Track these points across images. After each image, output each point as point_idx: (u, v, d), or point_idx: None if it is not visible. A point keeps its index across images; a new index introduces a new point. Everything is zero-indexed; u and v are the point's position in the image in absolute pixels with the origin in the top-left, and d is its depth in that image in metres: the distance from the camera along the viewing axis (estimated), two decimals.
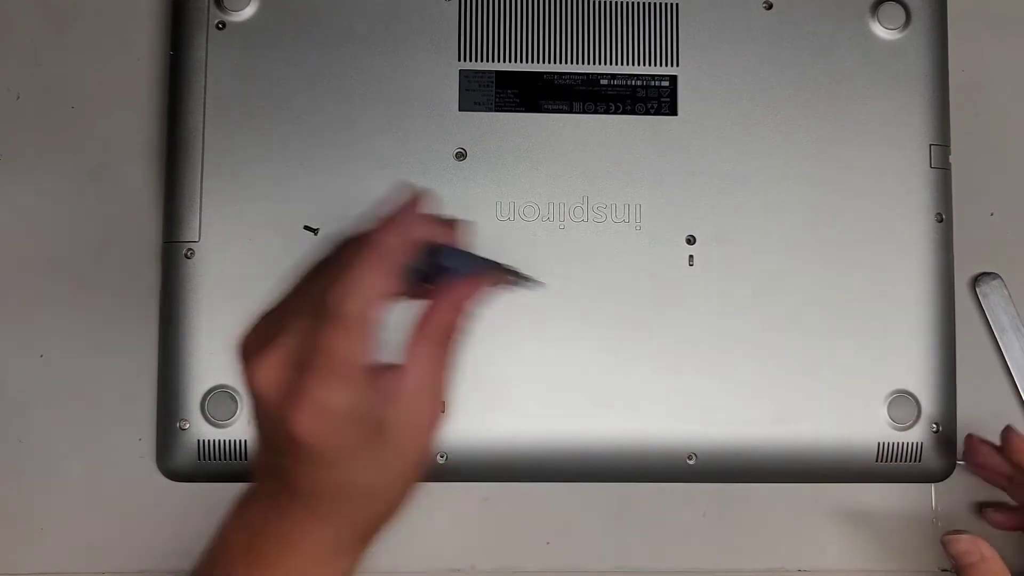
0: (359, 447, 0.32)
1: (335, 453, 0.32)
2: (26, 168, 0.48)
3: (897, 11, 0.47)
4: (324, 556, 0.34)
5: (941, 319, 0.46)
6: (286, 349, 0.32)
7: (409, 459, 0.34)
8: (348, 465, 0.32)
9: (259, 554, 0.34)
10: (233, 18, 0.46)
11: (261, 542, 0.34)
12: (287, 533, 0.34)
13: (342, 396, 0.31)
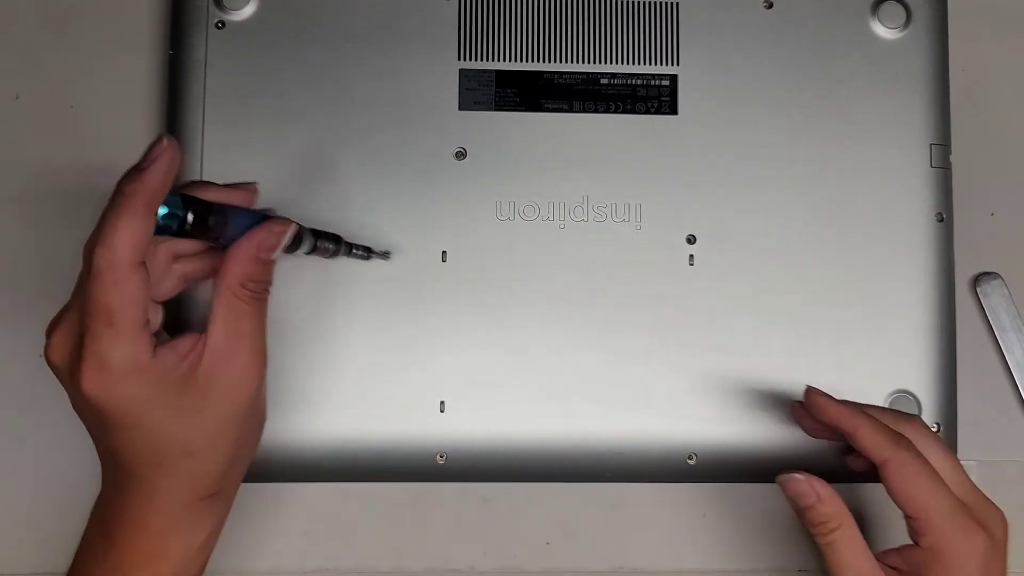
0: (158, 404, 0.32)
1: (129, 409, 0.32)
2: (25, 168, 0.48)
3: (898, 10, 0.47)
4: (168, 527, 0.34)
5: (942, 319, 0.46)
6: (69, 319, 0.33)
7: (226, 414, 0.34)
8: (151, 421, 0.32)
9: (111, 539, 0.35)
10: (233, 17, 0.46)
11: (112, 527, 0.35)
12: (127, 510, 0.34)
13: (118, 348, 0.31)
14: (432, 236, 0.45)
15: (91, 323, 0.31)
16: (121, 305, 0.31)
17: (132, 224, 0.31)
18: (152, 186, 0.32)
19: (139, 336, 0.32)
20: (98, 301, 0.31)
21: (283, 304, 0.45)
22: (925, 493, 0.37)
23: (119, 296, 0.31)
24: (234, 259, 0.35)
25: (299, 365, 0.44)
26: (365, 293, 0.45)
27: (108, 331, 0.31)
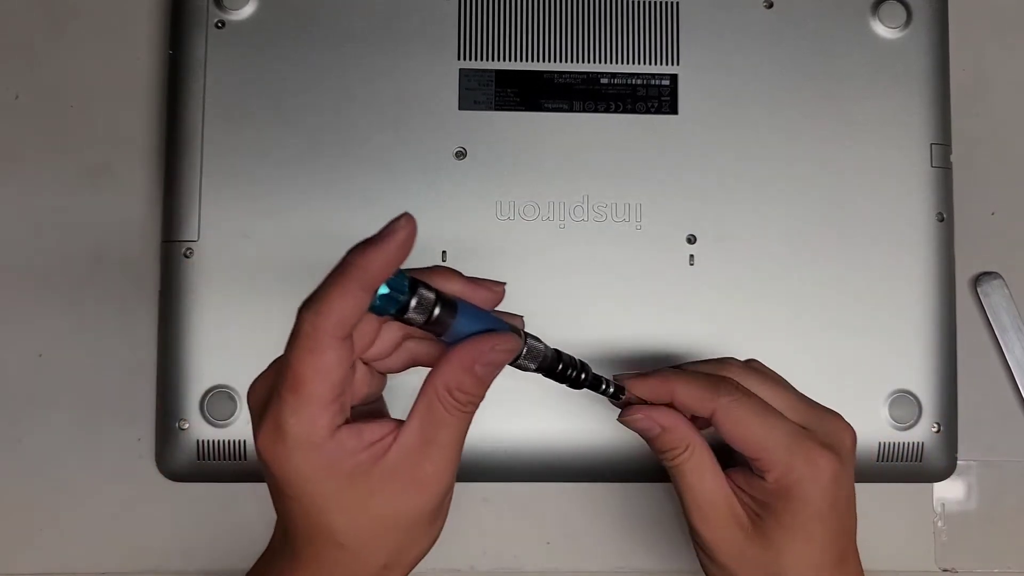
0: (323, 486, 0.31)
1: (291, 480, 0.30)
2: (25, 167, 0.48)
3: (898, 10, 0.47)
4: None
5: (942, 319, 0.46)
6: (269, 372, 0.32)
7: (393, 518, 0.32)
8: (313, 505, 0.31)
9: None
10: (232, 17, 0.46)
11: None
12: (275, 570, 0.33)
13: (296, 416, 0.30)
14: (432, 236, 0.45)
15: (280, 383, 0.30)
16: (311, 375, 0.30)
17: (345, 297, 0.30)
18: (376, 264, 0.30)
19: (322, 410, 0.30)
20: (291, 364, 0.30)
21: (284, 304, 0.44)
22: (758, 431, 0.35)
23: (311, 365, 0.30)
24: (448, 363, 0.31)
25: None
26: None
27: (291, 397, 0.30)
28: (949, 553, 0.49)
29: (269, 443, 0.30)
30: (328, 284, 0.30)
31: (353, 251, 0.31)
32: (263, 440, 0.30)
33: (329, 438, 0.30)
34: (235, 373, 0.44)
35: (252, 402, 0.32)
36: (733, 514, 0.37)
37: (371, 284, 0.30)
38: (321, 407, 0.30)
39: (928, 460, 0.46)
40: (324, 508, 0.31)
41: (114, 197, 0.48)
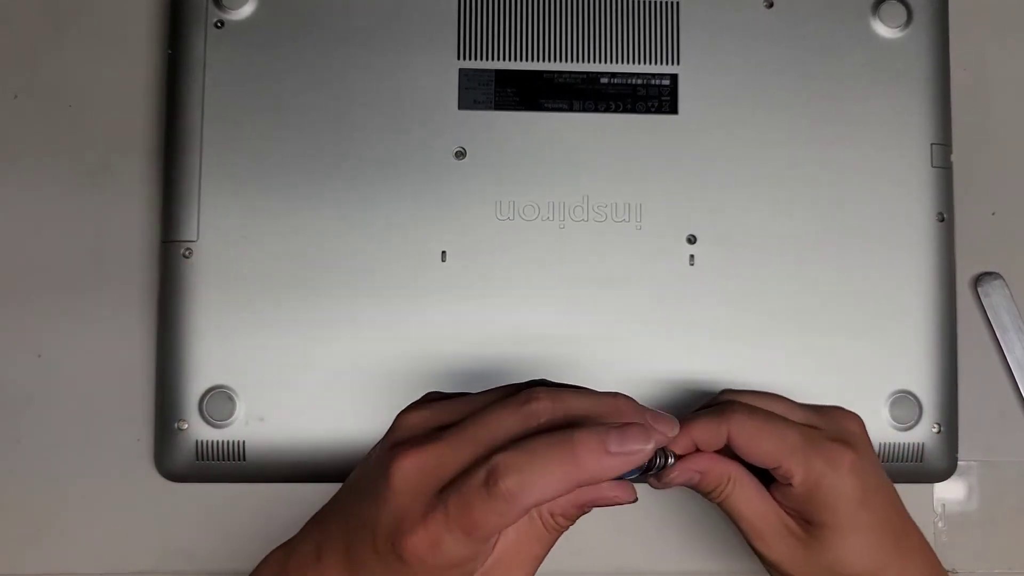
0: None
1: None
2: (23, 167, 0.48)
3: (898, 10, 0.47)
4: None
5: (942, 319, 0.46)
6: (433, 463, 0.31)
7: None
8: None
9: None
10: (231, 17, 0.46)
11: None
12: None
13: (455, 547, 0.30)
14: (432, 236, 0.45)
15: (454, 517, 0.30)
16: (491, 531, 0.30)
17: (557, 486, 0.30)
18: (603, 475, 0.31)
19: (481, 547, 0.31)
20: (473, 514, 0.30)
21: (284, 304, 0.45)
22: (771, 440, 0.36)
23: (495, 526, 0.30)
24: (568, 497, 0.32)
25: (298, 367, 0.44)
26: (365, 293, 0.45)
27: (460, 536, 0.30)
28: (950, 553, 0.49)
29: (418, 550, 0.30)
30: (545, 464, 0.30)
31: (584, 446, 0.30)
32: (414, 545, 0.31)
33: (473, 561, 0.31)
34: (234, 373, 0.44)
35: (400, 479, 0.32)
36: (787, 528, 0.38)
37: (585, 484, 0.31)
38: (482, 550, 0.31)
39: (929, 461, 0.46)
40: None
41: (113, 197, 0.48)
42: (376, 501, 0.32)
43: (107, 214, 0.48)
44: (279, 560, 0.36)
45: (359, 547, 0.33)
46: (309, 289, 0.45)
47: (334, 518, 0.35)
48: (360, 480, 0.35)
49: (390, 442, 0.33)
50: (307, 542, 0.35)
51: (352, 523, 0.33)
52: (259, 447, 0.44)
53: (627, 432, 0.31)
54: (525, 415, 0.32)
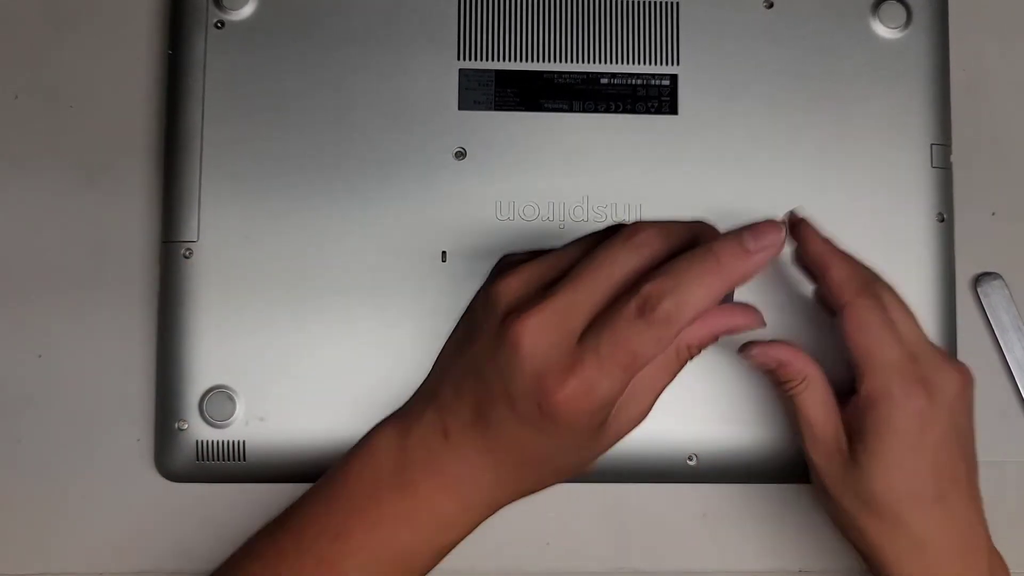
0: (585, 434, 0.33)
1: (568, 432, 0.32)
2: (24, 168, 0.48)
3: (898, 10, 0.47)
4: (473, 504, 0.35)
5: (942, 319, 0.46)
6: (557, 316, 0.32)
7: (599, 449, 0.35)
8: (564, 445, 0.33)
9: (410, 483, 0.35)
10: (232, 17, 0.46)
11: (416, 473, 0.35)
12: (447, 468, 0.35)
13: (610, 385, 0.31)
14: (432, 236, 0.45)
15: (609, 357, 0.31)
16: (649, 357, 0.31)
17: (711, 294, 0.31)
18: (749, 273, 0.32)
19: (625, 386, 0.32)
20: (631, 345, 0.31)
21: (284, 304, 0.45)
22: (874, 339, 0.37)
23: (654, 350, 0.31)
24: (704, 323, 0.33)
25: (298, 367, 0.44)
26: (365, 293, 0.45)
27: (617, 373, 0.31)
28: None
29: (573, 400, 0.31)
30: (694, 277, 0.31)
31: (725, 251, 0.32)
32: (567, 396, 0.31)
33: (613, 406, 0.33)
34: (234, 373, 0.44)
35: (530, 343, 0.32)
36: (839, 443, 0.38)
37: (735, 287, 0.32)
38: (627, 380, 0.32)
39: None
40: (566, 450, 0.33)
41: (114, 197, 0.48)
42: (507, 371, 0.32)
43: (107, 214, 0.48)
44: (395, 443, 0.36)
45: (497, 420, 0.33)
46: (309, 289, 0.45)
47: (454, 398, 0.35)
48: (476, 358, 0.34)
49: (500, 313, 0.34)
50: (424, 424, 0.36)
51: (482, 398, 0.34)
52: (259, 447, 0.44)
53: (760, 229, 0.33)
54: (636, 246, 0.33)
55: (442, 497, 0.35)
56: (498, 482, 0.35)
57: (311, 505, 0.38)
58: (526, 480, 0.36)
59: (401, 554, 0.36)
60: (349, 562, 0.35)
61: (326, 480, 0.38)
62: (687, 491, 0.48)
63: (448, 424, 0.35)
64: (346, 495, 0.37)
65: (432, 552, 0.37)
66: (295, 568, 0.36)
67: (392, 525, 0.35)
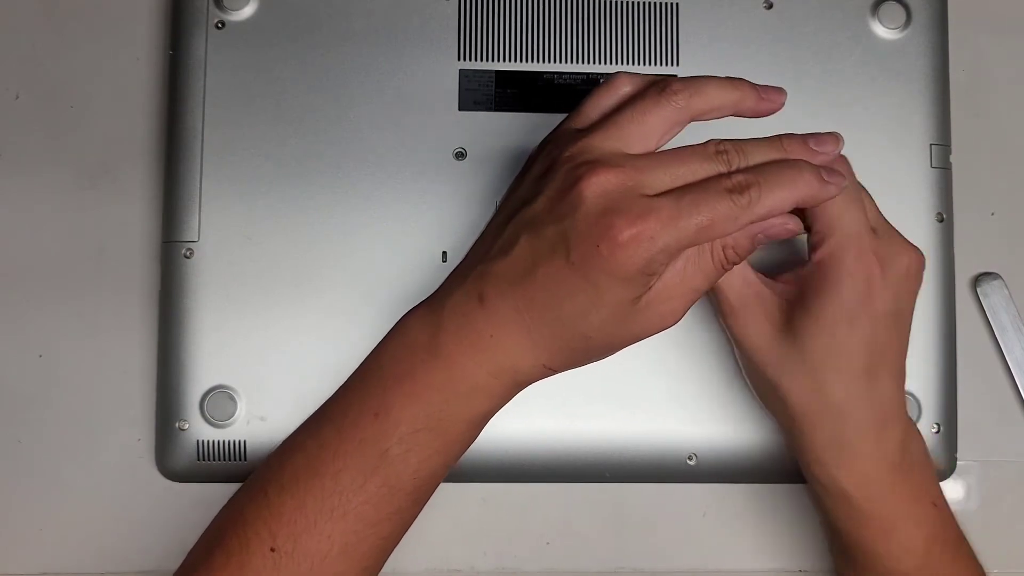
0: (625, 291, 0.34)
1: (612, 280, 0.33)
2: (25, 168, 0.48)
3: (898, 11, 0.47)
4: (503, 369, 0.36)
5: (942, 319, 0.46)
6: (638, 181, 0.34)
7: (624, 337, 0.36)
8: (602, 301, 0.34)
9: (441, 352, 0.36)
10: (232, 18, 0.46)
11: (449, 339, 0.36)
12: (479, 332, 0.36)
13: (671, 247, 0.33)
14: (432, 236, 0.45)
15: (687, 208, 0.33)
16: (711, 234, 0.34)
17: (789, 200, 0.34)
18: (820, 192, 0.35)
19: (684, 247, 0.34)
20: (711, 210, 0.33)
21: (284, 304, 0.45)
22: (840, 208, 0.37)
23: (721, 228, 0.34)
24: (746, 230, 0.35)
25: (298, 367, 0.44)
26: (365, 293, 0.45)
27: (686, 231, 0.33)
28: None
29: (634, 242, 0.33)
30: (782, 185, 0.35)
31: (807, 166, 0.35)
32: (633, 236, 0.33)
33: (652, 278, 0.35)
34: (235, 373, 0.44)
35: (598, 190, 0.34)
36: (764, 309, 0.39)
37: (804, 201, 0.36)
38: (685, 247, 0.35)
39: None
40: (603, 315, 0.35)
41: (114, 197, 0.48)
42: (570, 213, 0.34)
43: (108, 214, 0.48)
44: (427, 318, 0.37)
45: (544, 271, 0.34)
46: (310, 289, 0.45)
47: (500, 260, 0.36)
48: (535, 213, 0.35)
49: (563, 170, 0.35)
50: (459, 294, 0.37)
51: (535, 250, 0.35)
52: (260, 447, 0.44)
53: (823, 137, 0.37)
54: (716, 152, 0.36)
55: (473, 363, 0.36)
56: (530, 346, 0.36)
57: (348, 392, 0.39)
58: (556, 346, 0.36)
59: (438, 423, 0.36)
60: (389, 438, 0.36)
61: (361, 367, 0.39)
62: (687, 491, 0.48)
63: (485, 289, 0.36)
64: (381, 373, 0.37)
65: (468, 421, 0.37)
66: (338, 454, 0.36)
67: (427, 394, 0.36)
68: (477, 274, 0.36)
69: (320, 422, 0.39)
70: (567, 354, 0.37)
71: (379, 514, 0.36)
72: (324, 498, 0.36)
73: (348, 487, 0.36)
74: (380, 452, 0.36)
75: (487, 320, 0.36)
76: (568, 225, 0.34)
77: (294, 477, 0.37)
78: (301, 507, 0.36)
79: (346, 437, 0.36)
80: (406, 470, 0.36)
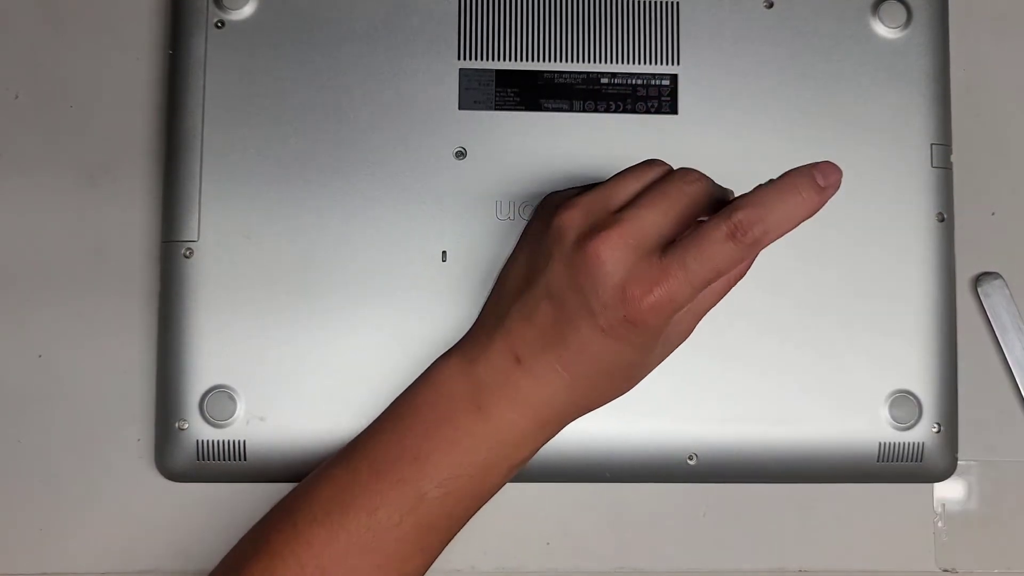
0: (654, 340, 0.36)
1: (647, 338, 0.36)
2: (24, 168, 0.48)
3: (898, 10, 0.47)
4: (547, 420, 0.38)
5: (942, 319, 0.46)
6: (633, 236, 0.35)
7: (655, 360, 0.39)
8: (641, 352, 0.36)
9: (486, 413, 0.37)
10: (232, 17, 0.46)
11: (492, 395, 0.37)
12: (522, 391, 0.37)
13: (689, 296, 0.35)
14: (432, 236, 0.45)
15: (697, 272, 0.34)
16: (723, 279, 0.35)
17: (791, 225, 0.35)
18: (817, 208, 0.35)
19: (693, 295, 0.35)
20: (718, 261, 0.34)
21: (284, 304, 0.45)
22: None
23: (732, 267, 0.35)
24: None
25: (298, 367, 0.44)
26: (365, 293, 0.45)
27: (699, 284, 0.34)
28: (949, 553, 0.49)
29: (657, 308, 0.35)
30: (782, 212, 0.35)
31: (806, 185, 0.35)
32: (651, 304, 0.34)
33: None
34: (234, 373, 0.44)
35: (609, 259, 0.35)
36: None
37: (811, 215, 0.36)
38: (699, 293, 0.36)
39: (928, 460, 0.46)
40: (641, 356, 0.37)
41: (114, 197, 0.48)
42: (589, 286, 0.35)
43: (108, 214, 0.48)
44: (463, 371, 0.39)
45: (576, 339, 0.36)
46: (309, 289, 0.45)
47: (524, 326, 0.38)
48: (550, 283, 0.37)
49: (572, 238, 0.36)
50: (493, 352, 0.38)
51: (559, 319, 0.36)
52: (260, 447, 0.44)
53: (825, 168, 0.36)
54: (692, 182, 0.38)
55: (518, 417, 0.37)
56: (572, 397, 0.38)
57: (382, 433, 0.40)
58: (598, 391, 0.39)
59: (479, 471, 0.38)
60: (428, 481, 0.37)
61: (393, 412, 0.40)
62: (687, 491, 0.48)
63: (519, 351, 0.37)
64: (420, 420, 0.39)
65: (508, 468, 0.39)
66: (374, 491, 0.37)
67: (469, 444, 0.37)
68: (504, 333, 0.38)
69: (353, 458, 0.39)
70: (610, 395, 0.39)
71: (409, 550, 0.37)
72: (357, 533, 0.36)
73: (383, 524, 0.36)
74: (418, 494, 0.37)
75: (529, 380, 0.37)
76: (589, 295, 0.35)
77: (326, 510, 0.37)
78: (332, 539, 0.36)
79: (383, 476, 0.37)
80: (442, 511, 0.37)
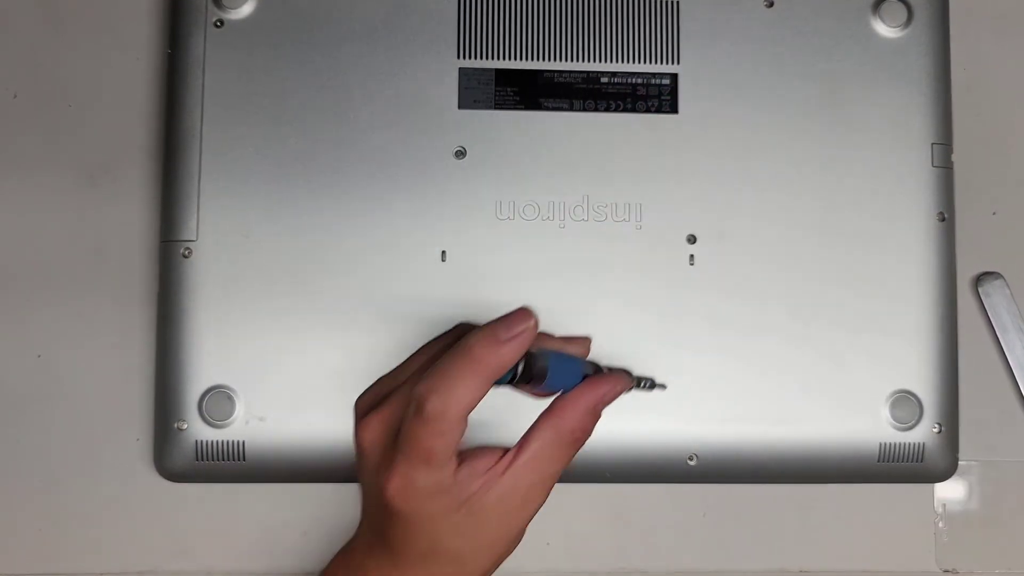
0: (446, 517, 0.34)
1: (421, 520, 0.34)
2: (23, 167, 0.48)
3: (899, 9, 0.47)
4: None
5: (943, 319, 0.46)
6: (388, 415, 0.35)
7: (498, 533, 0.36)
8: (435, 532, 0.35)
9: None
10: (231, 16, 0.46)
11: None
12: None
13: (424, 476, 0.33)
14: (432, 236, 0.45)
15: (409, 452, 0.33)
16: (441, 450, 0.33)
17: (473, 387, 0.33)
18: (506, 361, 0.33)
19: (447, 469, 0.34)
20: (420, 442, 0.33)
21: (283, 304, 0.45)
22: None
23: (442, 443, 0.33)
24: (573, 408, 0.36)
25: (297, 367, 0.44)
26: (365, 293, 0.45)
27: (424, 466, 0.33)
28: (950, 554, 0.49)
29: (400, 493, 0.34)
30: (457, 374, 0.33)
31: (481, 345, 0.33)
32: (394, 490, 0.34)
33: (454, 482, 0.34)
34: (234, 373, 0.44)
35: (366, 443, 0.35)
36: None
37: (497, 376, 0.34)
38: (448, 465, 0.34)
39: (929, 460, 0.46)
40: (447, 536, 0.35)
41: (113, 197, 0.48)
42: (360, 472, 0.36)
43: (107, 214, 0.48)
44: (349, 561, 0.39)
45: (373, 516, 0.36)
46: (309, 289, 0.45)
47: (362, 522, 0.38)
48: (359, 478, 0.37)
49: (355, 423, 0.36)
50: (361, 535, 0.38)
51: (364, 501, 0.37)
52: (259, 447, 0.44)
53: (511, 318, 0.34)
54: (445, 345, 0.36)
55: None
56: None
57: None
58: None
59: None
60: None
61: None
62: (687, 491, 0.48)
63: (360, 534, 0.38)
64: None
65: None
66: None
67: None
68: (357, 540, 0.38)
69: None
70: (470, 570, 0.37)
71: None
72: None
73: None
74: None
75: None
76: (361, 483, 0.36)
77: None
78: None
79: None
80: None
